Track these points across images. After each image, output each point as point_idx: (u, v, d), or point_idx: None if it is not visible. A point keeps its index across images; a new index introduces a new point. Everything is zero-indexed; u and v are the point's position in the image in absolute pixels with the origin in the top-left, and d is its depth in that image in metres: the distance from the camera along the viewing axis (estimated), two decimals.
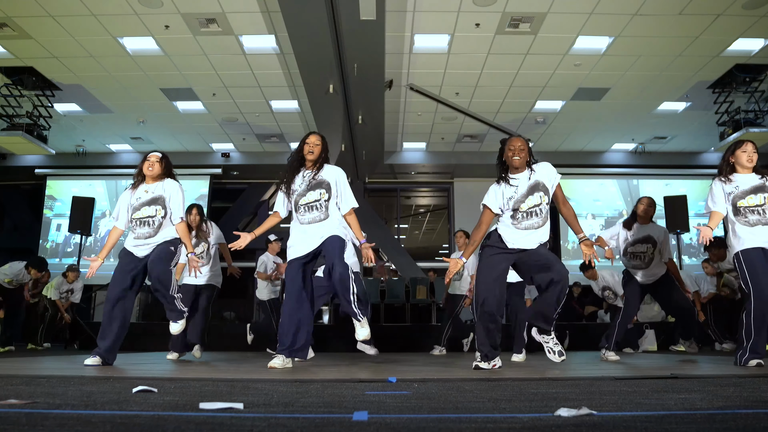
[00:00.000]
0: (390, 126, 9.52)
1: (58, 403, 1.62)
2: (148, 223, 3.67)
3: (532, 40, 7.09)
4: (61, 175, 11.50)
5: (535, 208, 3.27)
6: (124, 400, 1.69)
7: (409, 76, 8.09)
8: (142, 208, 3.70)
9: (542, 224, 3.30)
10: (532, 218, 3.27)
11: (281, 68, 7.85)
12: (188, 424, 1.27)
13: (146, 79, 8.19)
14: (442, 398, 1.79)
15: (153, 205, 3.70)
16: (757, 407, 1.55)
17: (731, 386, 2.14)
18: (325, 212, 3.48)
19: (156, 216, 3.68)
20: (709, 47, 7.26)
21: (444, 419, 1.38)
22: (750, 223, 3.43)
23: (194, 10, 6.50)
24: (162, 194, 3.72)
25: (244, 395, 1.87)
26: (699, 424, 1.25)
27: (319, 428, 1.23)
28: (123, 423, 1.28)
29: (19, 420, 1.30)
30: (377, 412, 1.46)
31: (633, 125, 10.01)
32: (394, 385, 2.27)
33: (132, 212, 3.71)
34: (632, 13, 6.51)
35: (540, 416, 1.39)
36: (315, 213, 3.48)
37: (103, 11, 6.49)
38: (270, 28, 6.84)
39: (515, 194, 3.31)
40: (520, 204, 3.29)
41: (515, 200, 3.30)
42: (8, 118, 8.49)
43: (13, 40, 7.08)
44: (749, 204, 3.45)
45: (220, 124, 9.91)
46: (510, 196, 3.32)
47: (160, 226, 3.68)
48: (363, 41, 6.30)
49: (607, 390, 2.04)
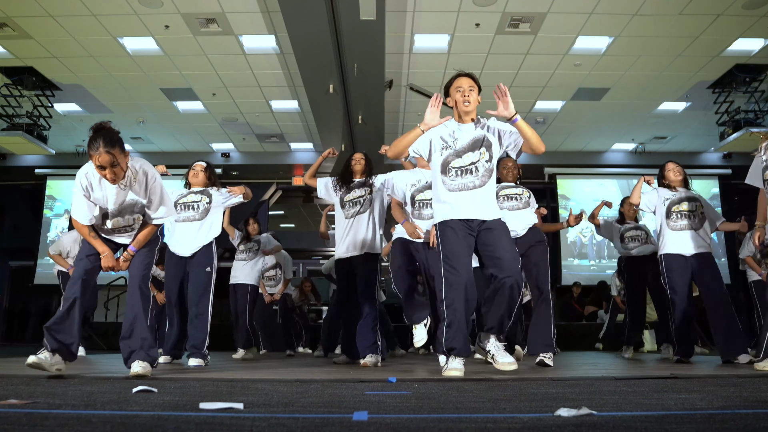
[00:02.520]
0: (390, 126, 9.52)
1: (58, 403, 1.62)
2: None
3: (532, 40, 7.09)
4: (61, 175, 11.48)
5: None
6: (124, 400, 1.69)
7: (409, 76, 8.09)
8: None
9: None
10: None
11: (281, 68, 7.85)
12: (188, 424, 1.27)
13: (146, 79, 8.18)
14: (442, 398, 1.79)
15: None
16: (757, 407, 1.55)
17: (731, 386, 2.14)
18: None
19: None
20: (709, 47, 7.26)
21: (444, 419, 1.38)
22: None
23: (194, 10, 6.49)
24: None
25: (244, 395, 1.87)
26: (699, 424, 1.25)
27: (319, 428, 1.23)
28: (123, 423, 1.28)
29: (19, 420, 1.30)
30: (377, 412, 1.46)
31: (633, 125, 10.01)
32: (394, 385, 2.27)
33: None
34: (632, 13, 6.51)
35: (540, 416, 1.39)
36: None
37: (103, 11, 6.49)
38: (270, 28, 6.83)
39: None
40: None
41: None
42: (8, 118, 8.49)
43: (13, 40, 7.08)
44: None
45: (220, 124, 9.91)
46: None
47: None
48: (363, 41, 6.30)
49: (607, 390, 2.04)
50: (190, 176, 4.15)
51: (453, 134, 2.91)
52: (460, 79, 2.91)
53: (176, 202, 4.03)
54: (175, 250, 4.02)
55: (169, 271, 4.06)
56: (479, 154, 2.86)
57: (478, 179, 2.84)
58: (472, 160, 2.85)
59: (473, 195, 2.83)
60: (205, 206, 4.01)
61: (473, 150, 2.86)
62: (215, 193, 4.09)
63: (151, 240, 2.95)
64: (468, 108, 2.88)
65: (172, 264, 4.03)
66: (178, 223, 4.01)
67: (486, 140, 2.88)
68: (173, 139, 10.69)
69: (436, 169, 2.92)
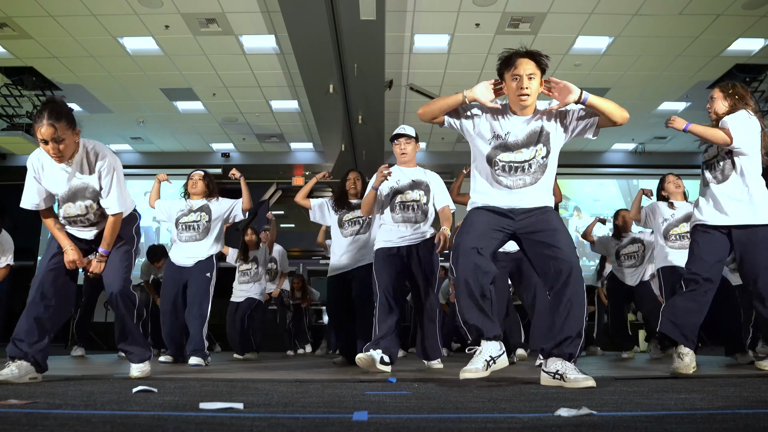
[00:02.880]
0: (390, 126, 9.49)
1: (58, 403, 1.62)
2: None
3: (532, 40, 7.08)
4: None
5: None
6: (124, 400, 1.69)
7: (409, 76, 8.08)
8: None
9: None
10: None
11: (281, 68, 7.85)
12: (188, 424, 1.27)
13: (146, 79, 8.18)
14: (443, 398, 1.79)
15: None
16: (757, 407, 1.55)
17: (731, 386, 2.14)
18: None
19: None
20: (709, 47, 7.26)
21: (444, 419, 1.38)
22: None
23: (194, 10, 6.49)
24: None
25: (244, 395, 1.87)
26: (699, 424, 1.25)
27: (319, 428, 1.23)
28: (123, 423, 1.28)
29: (19, 420, 1.30)
30: (377, 412, 1.46)
31: (633, 125, 10.00)
32: (394, 385, 2.27)
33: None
34: (632, 13, 6.51)
35: (540, 416, 1.39)
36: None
37: (103, 11, 6.48)
38: (270, 28, 6.83)
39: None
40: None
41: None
42: (8, 118, 8.48)
43: (13, 40, 7.08)
44: None
45: (220, 124, 9.90)
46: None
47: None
48: (363, 41, 6.29)
49: (607, 390, 2.04)
50: (189, 186, 4.17)
51: (505, 124, 2.46)
52: (519, 63, 2.36)
53: (177, 221, 4.07)
54: (176, 261, 4.06)
55: (168, 277, 4.08)
56: (534, 150, 2.44)
57: (530, 176, 2.43)
58: (526, 157, 2.43)
59: (521, 192, 2.44)
60: (205, 225, 4.04)
61: (528, 146, 2.44)
62: (214, 206, 4.10)
63: (125, 241, 2.72)
64: (526, 102, 2.39)
65: (172, 271, 4.06)
66: (181, 242, 4.06)
67: (544, 133, 2.45)
68: (173, 139, 10.69)
69: (480, 158, 2.52)
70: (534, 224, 2.40)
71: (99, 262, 2.66)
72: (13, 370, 2.32)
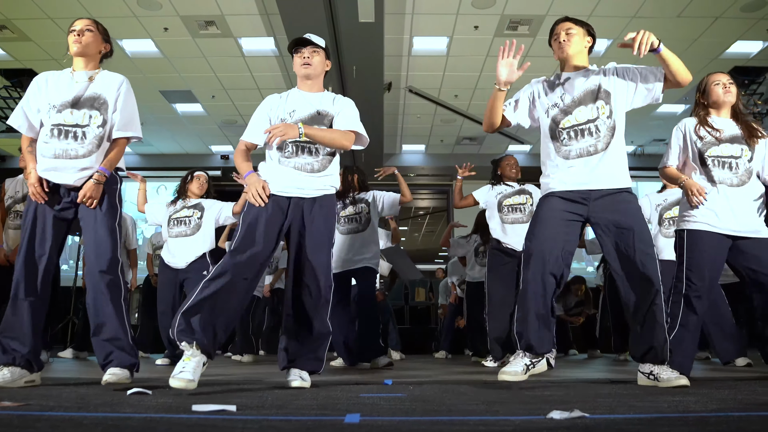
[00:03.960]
0: (389, 128, 9.51)
1: (51, 405, 1.62)
2: None
3: (531, 42, 7.09)
4: None
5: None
6: (118, 403, 1.69)
7: (408, 78, 8.08)
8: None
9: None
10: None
11: (280, 70, 7.85)
12: (180, 426, 1.27)
13: (145, 81, 8.19)
14: (437, 401, 1.78)
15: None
16: (751, 410, 1.55)
17: (726, 389, 2.13)
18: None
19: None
20: (708, 50, 7.27)
21: (436, 422, 1.37)
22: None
23: (193, 13, 6.50)
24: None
25: (238, 397, 1.87)
26: (691, 427, 1.25)
27: (310, 430, 1.23)
28: (115, 425, 1.28)
29: (12, 422, 1.30)
30: (370, 414, 1.46)
31: (632, 128, 9.97)
32: (390, 388, 2.27)
33: None
34: (631, 16, 6.52)
35: (532, 419, 1.39)
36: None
37: (102, 13, 6.49)
38: (269, 30, 6.84)
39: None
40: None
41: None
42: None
43: (12, 42, 7.09)
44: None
45: (220, 126, 9.91)
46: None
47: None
48: (362, 44, 6.30)
49: (601, 392, 2.04)
50: (194, 184, 4.11)
51: (558, 89, 2.35)
52: (555, 28, 2.43)
53: (169, 217, 4.04)
54: (169, 262, 4.01)
55: (163, 280, 4.05)
56: (596, 109, 2.28)
57: (600, 141, 2.27)
58: (588, 117, 2.27)
59: (592, 161, 2.26)
60: (197, 221, 3.99)
61: (586, 104, 2.29)
62: (208, 206, 4.06)
63: (111, 203, 2.39)
64: (567, 51, 2.31)
65: (166, 273, 4.02)
66: (171, 238, 4.01)
67: (602, 90, 2.32)
68: (173, 142, 10.68)
69: (545, 138, 2.38)
70: (612, 214, 2.24)
71: (97, 183, 2.32)
72: (5, 374, 2.21)
